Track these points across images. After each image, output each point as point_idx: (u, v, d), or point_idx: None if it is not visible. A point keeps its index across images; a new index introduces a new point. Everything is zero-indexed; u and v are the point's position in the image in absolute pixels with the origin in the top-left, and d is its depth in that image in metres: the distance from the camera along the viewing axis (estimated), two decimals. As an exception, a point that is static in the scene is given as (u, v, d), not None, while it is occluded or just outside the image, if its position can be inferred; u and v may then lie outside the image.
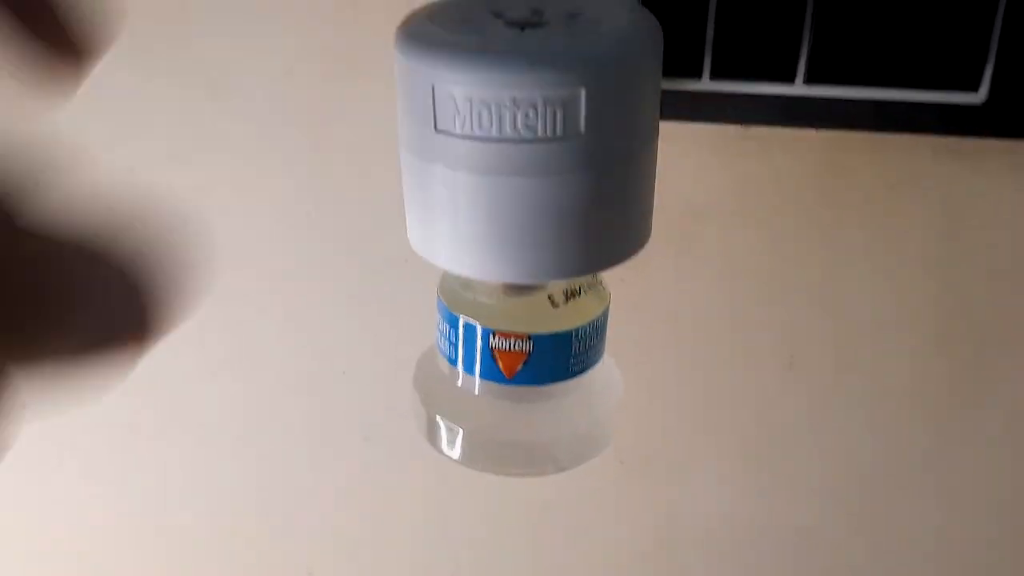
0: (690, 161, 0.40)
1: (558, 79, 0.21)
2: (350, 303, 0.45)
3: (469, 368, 0.27)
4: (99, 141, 0.43)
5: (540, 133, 0.22)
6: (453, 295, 0.27)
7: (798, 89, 0.36)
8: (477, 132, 0.22)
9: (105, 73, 0.40)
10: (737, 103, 0.37)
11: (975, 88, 0.35)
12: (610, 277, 0.41)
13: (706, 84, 0.37)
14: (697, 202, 0.40)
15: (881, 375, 0.42)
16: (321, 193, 0.43)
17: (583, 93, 0.22)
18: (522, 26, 0.24)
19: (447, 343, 0.27)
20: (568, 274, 0.24)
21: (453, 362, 0.27)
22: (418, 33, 0.23)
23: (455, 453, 0.28)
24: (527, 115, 0.22)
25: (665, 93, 0.37)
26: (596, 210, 0.23)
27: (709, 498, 0.46)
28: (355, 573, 0.53)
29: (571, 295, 0.26)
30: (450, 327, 0.27)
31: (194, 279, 0.18)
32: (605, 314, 0.27)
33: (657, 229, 0.41)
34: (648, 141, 0.24)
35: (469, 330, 0.26)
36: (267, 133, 0.42)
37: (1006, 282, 0.39)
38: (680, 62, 0.37)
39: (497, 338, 0.26)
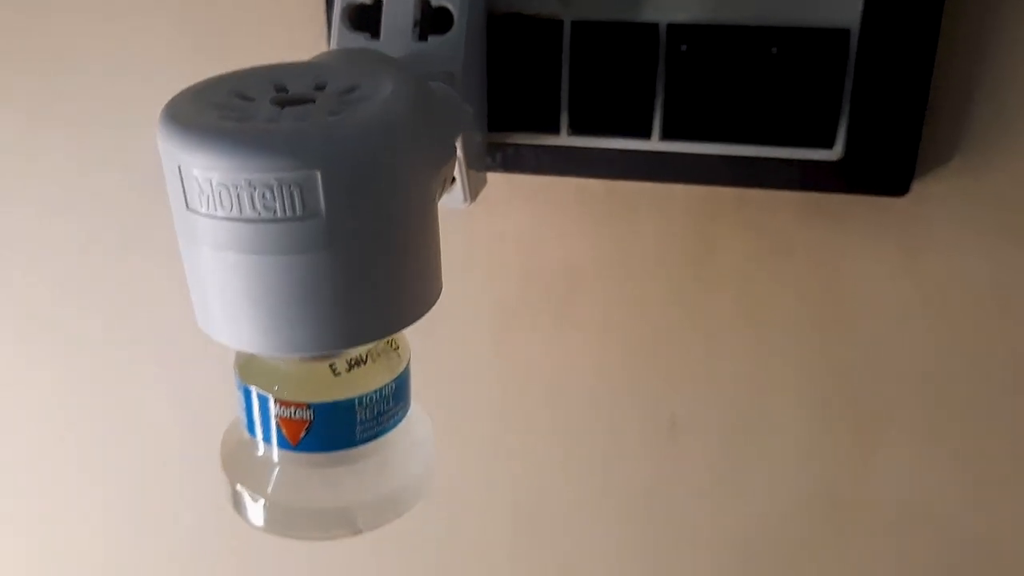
0: (559, 219, 0.40)
1: (288, 162, 0.22)
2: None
3: (261, 435, 0.27)
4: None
5: (279, 213, 0.22)
6: (246, 364, 0.27)
7: (655, 145, 0.36)
8: (220, 212, 0.22)
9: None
10: (597, 158, 0.37)
11: (830, 145, 0.35)
12: (488, 341, 0.42)
13: (564, 139, 0.37)
14: (571, 260, 0.40)
15: (764, 439, 0.41)
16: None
17: (319, 175, 0.22)
18: (284, 103, 0.24)
19: (243, 412, 0.27)
20: (325, 348, 0.24)
21: (251, 431, 0.27)
22: (173, 113, 0.23)
23: (258, 521, 0.28)
24: (264, 196, 0.22)
25: (526, 147, 0.38)
26: (350, 287, 0.23)
27: (603, 555, 0.45)
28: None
29: (355, 363, 0.26)
30: (243, 396, 0.27)
31: None
32: (399, 381, 0.28)
33: (533, 287, 0.41)
34: (412, 213, 0.24)
35: (255, 398, 0.26)
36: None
37: (879, 344, 0.39)
38: (538, 117, 0.37)
39: (278, 406, 0.26)
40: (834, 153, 0.35)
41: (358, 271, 0.23)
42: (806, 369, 0.40)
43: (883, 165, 0.35)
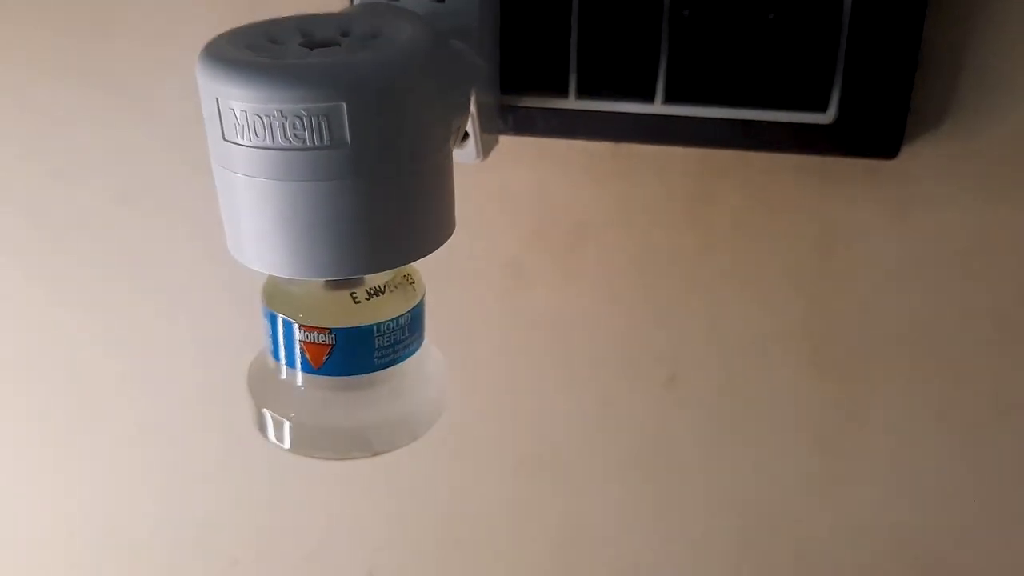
0: (567, 178, 0.42)
1: (316, 93, 0.24)
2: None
3: (285, 360, 0.29)
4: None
5: (308, 142, 0.24)
6: (272, 293, 0.29)
7: (658, 108, 0.38)
8: (254, 141, 0.24)
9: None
10: (603, 120, 0.39)
11: (824, 109, 0.37)
12: (496, 294, 0.44)
13: (573, 102, 0.39)
14: (577, 218, 0.42)
15: (761, 392, 0.43)
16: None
17: (344, 107, 0.24)
18: (312, 46, 0.26)
19: (268, 339, 0.29)
20: (346, 272, 0.26)
21: (276, 356, 0.30)
22: (211, 52, 0.25)
23: (282, 441, 0.30)
24: (295, 125, 0.24)
25: (536, 110, 0.40)
26: (372, 215, 0.25)
27: (604, 505, 0.47)
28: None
29: (374, 293, 0.28)
30: (268, 323, 0.29)
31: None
32: (415, 312, 0.30)
33: (541, 244, 0.43)
34: (429, 150, 0.26)
35: (280, 324, 0.29)
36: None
37: (872, 301, 0.41)
38: (548, 80, 0.39)
39: (302, 331, 0.28)
40: (827, 117, 0.37)
41: (380, 200, 0.25)
42: (799, 323, 0.42)
43: (874, 128, 0.37)
